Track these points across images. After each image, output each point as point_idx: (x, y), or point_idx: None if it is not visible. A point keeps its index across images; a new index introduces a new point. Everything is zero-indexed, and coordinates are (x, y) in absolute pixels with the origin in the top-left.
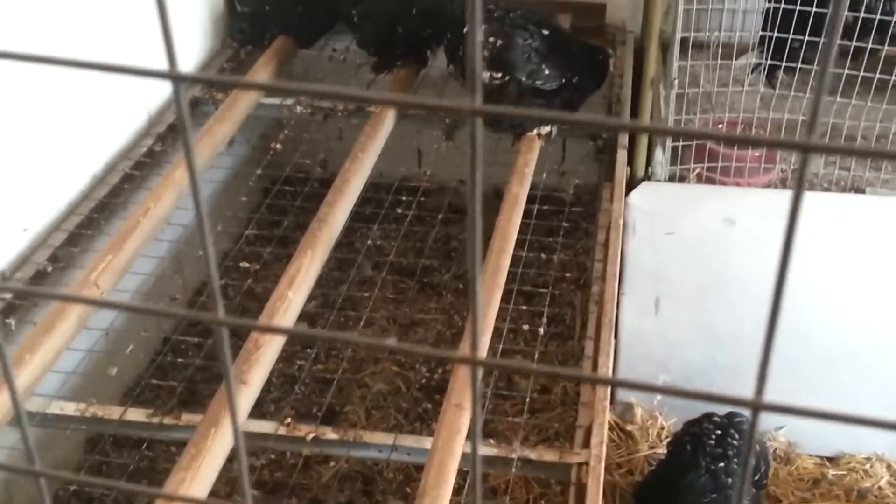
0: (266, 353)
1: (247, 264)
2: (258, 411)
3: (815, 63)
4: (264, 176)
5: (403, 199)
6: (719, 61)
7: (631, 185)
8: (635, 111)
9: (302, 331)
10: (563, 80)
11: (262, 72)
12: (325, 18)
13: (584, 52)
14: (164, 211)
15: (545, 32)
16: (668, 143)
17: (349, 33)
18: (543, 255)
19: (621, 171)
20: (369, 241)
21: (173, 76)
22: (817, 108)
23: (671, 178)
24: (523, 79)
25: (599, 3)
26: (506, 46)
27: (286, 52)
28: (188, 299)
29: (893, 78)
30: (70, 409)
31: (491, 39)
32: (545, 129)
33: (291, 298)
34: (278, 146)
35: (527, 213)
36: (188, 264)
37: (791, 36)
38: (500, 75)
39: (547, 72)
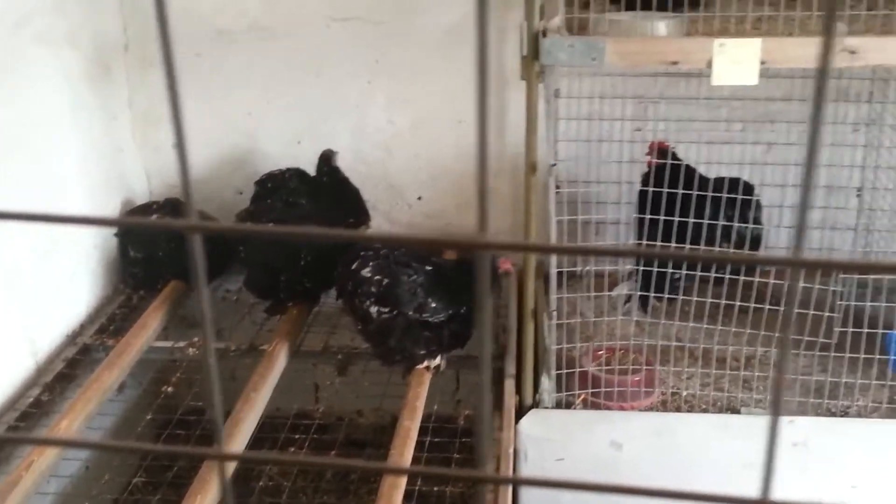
0: None
1: None
2: None
3: (682, 293)
4: (156, 419)
5: (298, 436)
6: (592, 293)
7: (520, 413)
8: (521, 340)
9: None
10: (451, 312)
11: (153, 315)
12: (217, 262)
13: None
14: (49, 462)
15: (428, 268)
16: (553, 370)
17: (242, 273)
18: (437, 488)
19: (510, 399)
20: (262, 482)
21: None
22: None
23: (558, 405)
24: (410, 313)
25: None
26: (391, 284)
27: (178, 295)
28: None
29: (752, 304)
30: None
31: (377, 277)
32: (435, 363)
33: None
34: (170, 389)
35: (419, 446)
36: None
37: (656, 269)
38: (387, 310)
39: (434, 305)
